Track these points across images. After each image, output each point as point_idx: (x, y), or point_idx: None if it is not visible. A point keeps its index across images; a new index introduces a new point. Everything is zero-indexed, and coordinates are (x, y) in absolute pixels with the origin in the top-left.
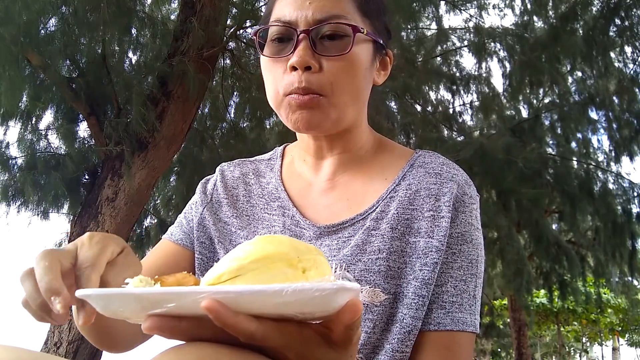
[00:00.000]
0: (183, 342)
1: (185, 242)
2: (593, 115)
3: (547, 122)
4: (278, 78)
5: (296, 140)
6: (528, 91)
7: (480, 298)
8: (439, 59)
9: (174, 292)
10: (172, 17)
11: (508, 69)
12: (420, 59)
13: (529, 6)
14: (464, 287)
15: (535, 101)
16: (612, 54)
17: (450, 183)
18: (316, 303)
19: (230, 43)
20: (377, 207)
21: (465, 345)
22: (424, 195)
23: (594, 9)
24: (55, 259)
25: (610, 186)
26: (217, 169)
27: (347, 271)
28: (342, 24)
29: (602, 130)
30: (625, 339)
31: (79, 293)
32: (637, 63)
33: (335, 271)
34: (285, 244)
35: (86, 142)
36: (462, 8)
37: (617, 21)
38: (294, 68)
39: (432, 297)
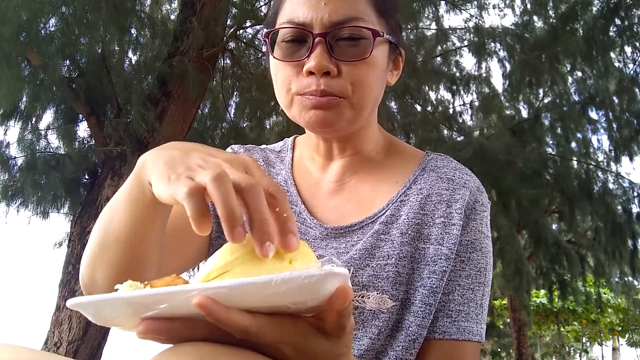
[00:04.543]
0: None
1: None
2: (593, 115)
3: (547, 122)
4: (292, 78)
5: (304, 133)
6: (528, 91)
7: (487, 306)
8: (439, 59)
9: (165, 292)
10: (172, 17)
11: (508, 69)
12: (420, 59)
13: (529, 6)
14: (471, 295)
15: (535, 101)
16: (612, 54)
17: (462, 189)
18: (306, 291)
19: (230, 43)
20: (386, 211)
21: (470, 354)
22: (435, 200)
23: (594, 9)
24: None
25: (610, 186)
26: (228, 149)
27: (355, 276)
28: (361, 28)
29: (602, 130)
30: (625, 339)
31: (69, 303)
32: (637, 63)
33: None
34: None
35: (86, 142)
36: (462, 8)
37: (617, 21)
38: (310, 72)
39: (439, 305)
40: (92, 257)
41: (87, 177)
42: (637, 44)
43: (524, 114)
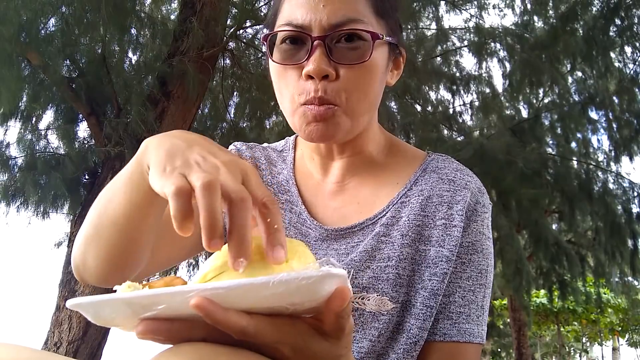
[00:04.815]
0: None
1: None
2: (593, 115)
3: (547, 122)
4: (292, 84)
5: None
6: (528, 91)
7: (488, 308)
8: (439, 59)
9: (164, 292)
10: (172, 17)
11: (508, 69)
12: (420, 59)
13: (529, 6)
14: (472, 297)
15: (535, 101)
16: (612, 54)
17: (464, 191)
18: (304, 292)
19: (230, 43)
20: (387, 212)
21: (471, 356)
22: (436, 202)
23: (594, 9)
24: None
25: (610, 186)
26: (231, 146)
27: (355, 278)
28: (360, 31)
29: (602, 130)
30: (625, 339)
31: (69, 303)
32: (637, 63)
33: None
34: None
35: (86, 142)
36: (462, 8)
37: (617, 21)
38: (309, 76)
39: (439, 307)
40: (86, 237)
41: (87, 177)
42: (637, 44)
43: (524, 114)
